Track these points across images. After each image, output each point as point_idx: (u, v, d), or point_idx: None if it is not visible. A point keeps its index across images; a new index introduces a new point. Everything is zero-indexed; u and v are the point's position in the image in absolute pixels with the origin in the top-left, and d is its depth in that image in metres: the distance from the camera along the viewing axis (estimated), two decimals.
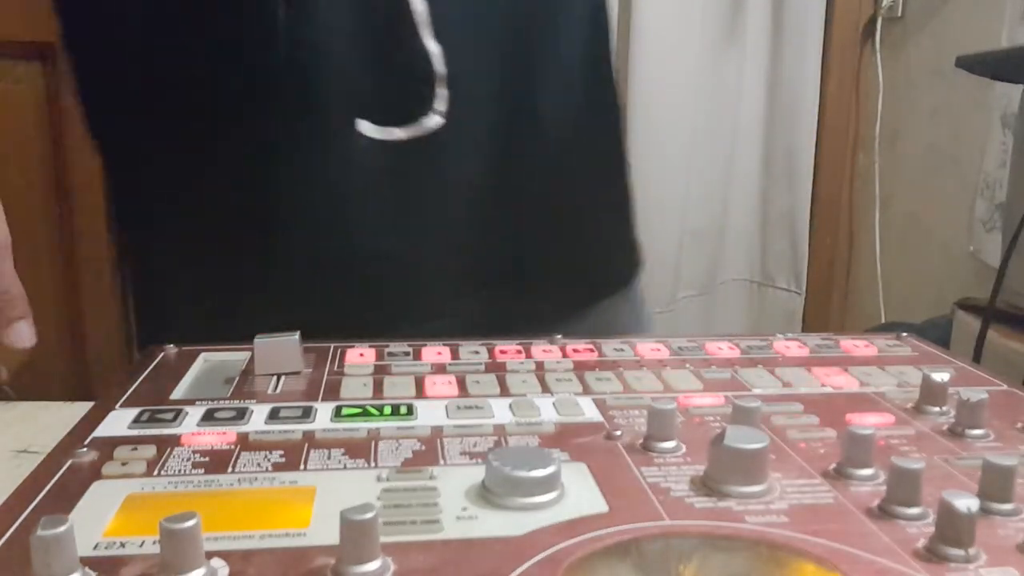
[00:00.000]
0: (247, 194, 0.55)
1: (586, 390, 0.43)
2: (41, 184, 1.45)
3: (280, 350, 0.45)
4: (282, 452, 0.35)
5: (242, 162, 0.55)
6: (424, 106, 0.54)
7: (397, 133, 0.54)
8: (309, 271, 0.57)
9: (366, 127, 0.53)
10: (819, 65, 1.93)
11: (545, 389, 0.43)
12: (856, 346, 0.50)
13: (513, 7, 0.57)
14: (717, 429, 0.34)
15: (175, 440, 0.36)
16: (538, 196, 0.61)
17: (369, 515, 0.26)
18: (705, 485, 0.32)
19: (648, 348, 0.49)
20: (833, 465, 0.34)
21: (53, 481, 0.32)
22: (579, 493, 0.31)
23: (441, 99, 0.54)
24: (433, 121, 0.54)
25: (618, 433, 0.37)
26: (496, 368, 0.46)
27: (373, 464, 0.34)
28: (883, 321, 1.81)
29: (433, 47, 0.53)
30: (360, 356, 0.47)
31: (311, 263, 0.57)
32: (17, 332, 0.52)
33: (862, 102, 1.94)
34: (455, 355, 0.48)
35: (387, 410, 0.39)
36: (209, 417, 0.38)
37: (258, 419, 0.38)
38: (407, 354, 0.48)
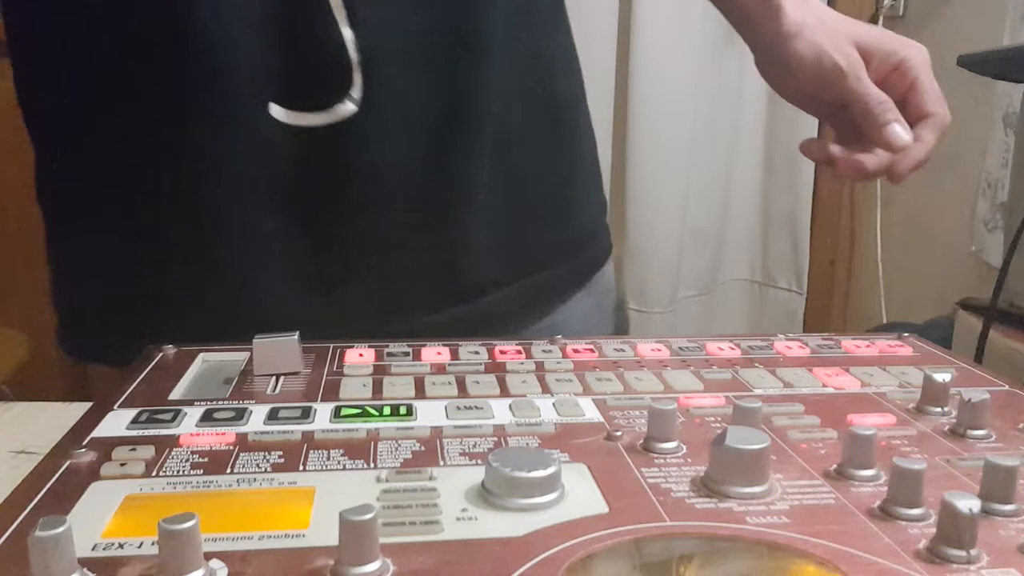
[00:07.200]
0: (154, 175, 0.54)
1: (586, 390, 0.43)
2: None
3: (279, 350, 0.45)
4: (281, 453, 0.35)
5: (150, 141, 0.54)
6: (337, 93, 0.53)
7: (311, 119, 0.53)
8: (215, 259, 0.55)
9: (277, 111, 0.52)
10: None
11: (545, 389, 0.43)
12: (857, 346, 0.50)
13: None
14: (718, 430, 0.34)
15: (174, 441, 0.36)
16: (485, 175, 0.58)
17: (368, 516, 0.26)
18: (706, 486, 0.32)
19: (648, 348, 0.49)
20: (834, 466, 0.34)
21: (51, 482, 0.32)
22: (579, 494, 0.31)
23: (356, 86, 0.53)
24: (347, 108, 0.53)
25: (618, 434, 0.37)
26: (496, 368, 0.46)
27: (372, 465, 0.34)
28: (884, 321, 1.81)
29: (347, 33, 0.52)
30: (359, 356, 0.47)
31: (215, 251, 0.55)
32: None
33: None
34: (455, 355, 0.48)
35: (386, 410, 0.39)
36: (208, 418, 0.38)
37: (257, 419, 0.38)
38: (406, 354, 0.48)
